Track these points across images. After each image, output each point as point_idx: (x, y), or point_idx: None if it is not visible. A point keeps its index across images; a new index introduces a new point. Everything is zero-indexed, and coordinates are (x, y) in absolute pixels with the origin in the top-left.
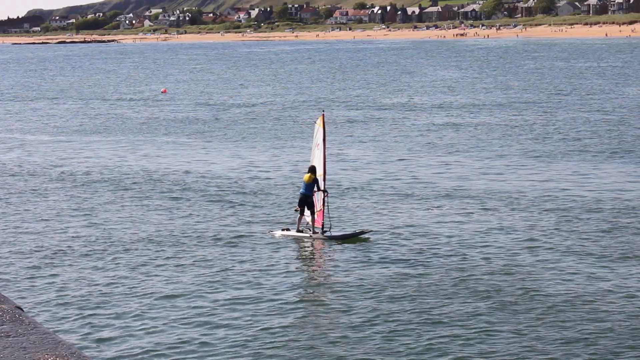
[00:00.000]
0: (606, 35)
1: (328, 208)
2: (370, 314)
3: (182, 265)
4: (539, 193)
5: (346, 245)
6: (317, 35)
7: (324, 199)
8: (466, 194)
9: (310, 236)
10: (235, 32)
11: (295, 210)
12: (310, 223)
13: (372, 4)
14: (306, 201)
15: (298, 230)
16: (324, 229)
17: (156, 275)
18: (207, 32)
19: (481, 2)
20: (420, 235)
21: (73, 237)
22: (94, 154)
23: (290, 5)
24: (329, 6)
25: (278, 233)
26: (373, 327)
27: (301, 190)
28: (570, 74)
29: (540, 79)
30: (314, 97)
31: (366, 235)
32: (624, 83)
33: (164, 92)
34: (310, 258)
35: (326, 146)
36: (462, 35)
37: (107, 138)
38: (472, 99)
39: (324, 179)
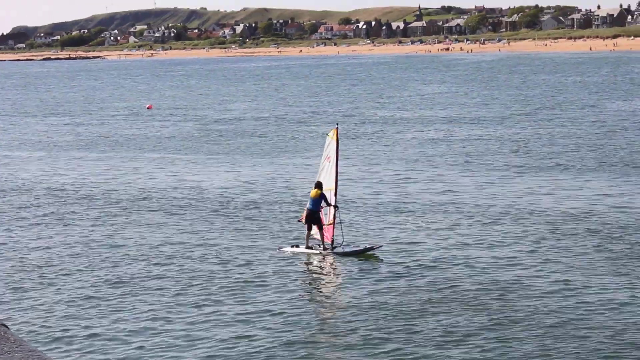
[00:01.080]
0: (590, 49)
1: (340, 224)
2: (378, 331)
3: (182, 283)
4: (552, 208)
5: (356, 261)
6: (300, 51)
7: (334, 214)
8: (465, 208)
9: (320, 252)
10: (220, 48)
11: (299, 221)
12: (320, 239)
13: (357, 20)
14: (313, 217)
15: (307, 247)
16: (334, 245)
17: (153, 294)
18: (192, 48)
19: (465, 17)
20: (427, 251)
21: (60, 253)
22: (79, 170)
23: (275, 21)
24: (314, 21)
25: (287, 250)
26: (381, 345)
27: (308, 205)
28: (554, 88)
29: (524, 93)
30: (302, 111)
31: (376, 251)
32: (607, 97)
33: (150, 108)
34: (320, 274)
35: (337, 159)
36: (447, 49)
37: (93, 154)
38: (457, 114)
39: (335, 194)
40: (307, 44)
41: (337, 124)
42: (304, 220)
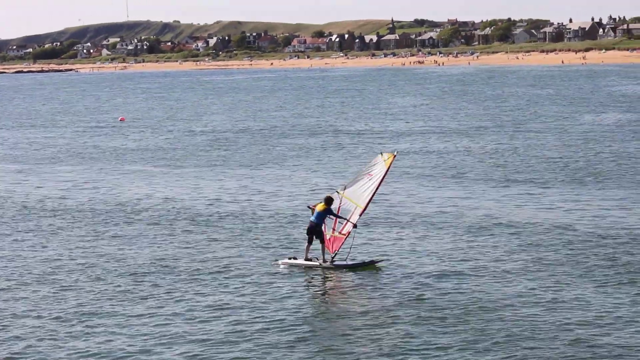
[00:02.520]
0: (562, 62)
1: (352, 241)
2: (375, 344)
3: (173, 299)
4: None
5: (355, 274)
6: (271, 64)
7: (349, 231)
8: (456, 222)
9: (320, 265)
10: (194, 61)
11: (308, 207)
12: (321, 251)
13: (330, 32)
14: (315, 230)
15: (306, 259)
16: (334, 258)
17: (141, 312)
18: (165, 61)
19: (438, 30)
20: (427, 264)
21: (36, 269)
22: (51, 184)
23: (248, 34)
24: (287, 34)
25: (285, 262)
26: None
27: (311, 218)
28: (527, 100)
29: (497, 106)
30: (274, 123)
31: (377, 265)
32: (579, 110)
33: (122, 120)
34: (318, 288)
35: (379, 185)
36: (420, 62)
37: (64, 167)
38: (431, 126)
39: (361, 214)
40: (280, 57)
41: (396, 152)
42: (313, 207)
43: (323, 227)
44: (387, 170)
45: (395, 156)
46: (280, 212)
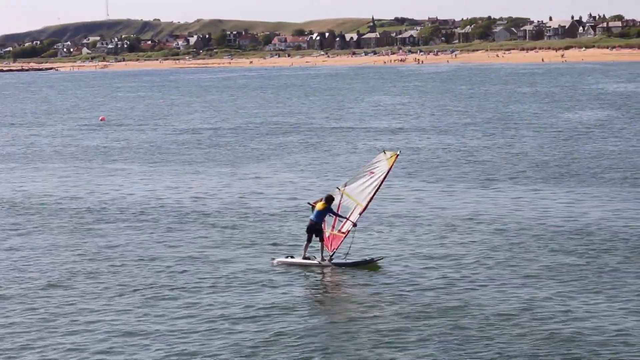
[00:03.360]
0: (542, 60)
1: (351, 240)
2: (370, 343)
3: (165, 300)
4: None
5: (353, 273)
6: (251, 62)
7: (349, 229)
8: (439, 220)
9: (319, 263)
10: (174, 59)
11: (308, 203)
12: (320, 249)
13: (311, 31)
14: (314, 228)
15: (305, 257)
16: (332, 257)
17: (133, 311)
18: (145, 60)
19: (419, 28)
20: (425, 264)
21: (17, 268)
22: (34, 182)
23: (228, 32)
24: (268, 33)
25: (281, 261)
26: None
27: (311, 216)
28: (507, 98)
29: (478, 104)
30: (256, 121)
31: (377, 263)
32: (559, 107)
33: (103, 119)
34: (318, 286)
35: (381, 184)
36: (402, 61)
37: (47, 166)
38: (411, 124)
39: (361, 212)
40: (260, 55)
41: (399, 151)
42: (313, 204)
43: (323, 226)
44: (390, 169)
45: (398, 155)
46: (271, 209)
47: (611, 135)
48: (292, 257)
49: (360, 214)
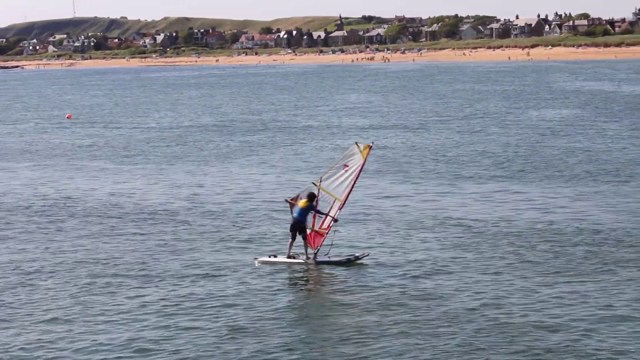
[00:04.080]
0: (509, 58)
1: (332, 236)
2: (355, 341)
3: (146, 303)
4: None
5: (338, 271)
6: (217, 60)
7: (330, 225)
8: (408, 218)
9: (305, 261)
10: (141, 57)
11: (286, 200)
12: (303, 247)
13: (278, 29)
14: (298, 226)
15: (289, 256)
16: (316, 255)
17: (120, 316)
18: (112, 58)
19: (386, 27)
20: (411, 261)
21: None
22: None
23: (196, 30)
24: (235, 31)
25: (264, 260)
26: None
27: (294, 214)
28: (473, 96)
29: (445, 102)
30: (224, 119)
31: (362, 261)
32: (526, 105)
33: (69, 117)
34: (302, 285)
35: (357, 177)
36: (370, 59)
37: (13, 165)
38: (380, 122)
39: (341, 207)
40: (228, 54)
41: (372, 143)
42: (292, 203)
43: (306, 223)
44: (364, 162)
45: (371, 147)
46: (243, 208)
47: (577, 133)
48: (275, 256)
49: (340, 209)
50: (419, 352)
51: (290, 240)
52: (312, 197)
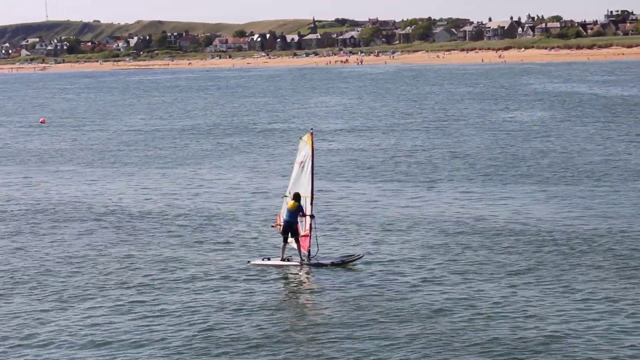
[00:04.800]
0: (482, 60)
1: (315, 233)
2: (356, 344)
3: (140, 301)
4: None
5: (335, 272)
6: (189, 64)
7: (310, 223)
8: (377, 220)
9: (300, 263)
10: (114, 61)
11: (272, 226)
12: (297, 250)
13: (252, 32)
14: (290, 228)
15: (283, 259)
16: (310, 256)
17: (111, 322)
18: (85, 61)
19: (359, 30)
20: (407, 262)
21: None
22: None
23: (169, 34)
24: (209, 34)
25: (257, 263)
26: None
27: (284, 217)
28: (447, 99)
29: (419, 104)
30: (199, 123)
31: (357, 262)
32: (498, 107)
33: (43, 121)
34: (297, 288)
35: (312, 167)
36: (344, 62)
37: None
38: (354, 125)
39: (312, 202)
40: (202, 57)
41: (311, 129)
42: (278, 227)
43: (298, 226)
44: (313, 150)
45: (312, 133)
46: (221, 211)
47: (549, 135)
48: (268, 259)
49: (311, 204)
50: (391, 353)
51: (283, 243)
52: (298, 197)
